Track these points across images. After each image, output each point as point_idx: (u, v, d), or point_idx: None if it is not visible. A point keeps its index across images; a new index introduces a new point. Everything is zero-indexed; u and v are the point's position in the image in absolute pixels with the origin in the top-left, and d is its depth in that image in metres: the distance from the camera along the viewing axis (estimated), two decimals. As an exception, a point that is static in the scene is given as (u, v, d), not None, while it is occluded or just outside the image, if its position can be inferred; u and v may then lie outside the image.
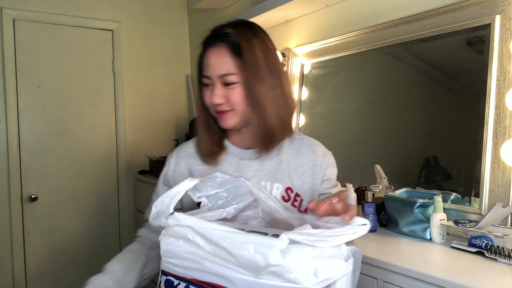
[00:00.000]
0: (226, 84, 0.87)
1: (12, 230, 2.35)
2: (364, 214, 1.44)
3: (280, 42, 2.22)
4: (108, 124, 2.68)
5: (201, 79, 0.92)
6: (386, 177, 1.61)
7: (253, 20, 2.10)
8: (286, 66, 2.17)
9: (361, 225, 0.67)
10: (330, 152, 1.02)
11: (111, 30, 2.68)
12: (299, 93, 2.12)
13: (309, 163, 0.96)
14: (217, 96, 0.88)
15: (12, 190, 2.35)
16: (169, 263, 0.71)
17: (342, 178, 1.84)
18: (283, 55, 2.15)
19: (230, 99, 0.88)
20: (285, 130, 0.93)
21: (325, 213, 0.73)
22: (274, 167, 0.94)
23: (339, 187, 1.04)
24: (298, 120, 2.12)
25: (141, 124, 2.81)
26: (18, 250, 2.37)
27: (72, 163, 2.55)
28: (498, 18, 1.27)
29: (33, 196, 2.40)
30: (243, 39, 0.88)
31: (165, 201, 0.74)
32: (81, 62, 2.57)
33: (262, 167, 0.93)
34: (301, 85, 2.12)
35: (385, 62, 1.74)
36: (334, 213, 0.73)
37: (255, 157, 0.94)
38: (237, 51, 0.87)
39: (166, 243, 0.71)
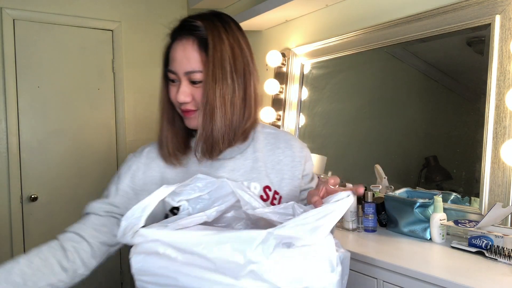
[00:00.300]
0: (193, 82, 0.82)
1: (12, 230, 2.35)
2: (364, 214, 1.44)
3: (280, 42, 2.22)
4: (108, 124, 2.68)
5: (166, 73, 0.85)
6: (386, 177, 1.61)
7: (253, 20, 2.13)
8: (286, 66, 2.17)
9: (345, 197, 0.65)
10: (305, 145, 0.99)
11: (111, 30, 2.68)
12: (299, 93, 2.12)
13: (287, 159, 0.93)
14: (183, 94, 0.81)
15: (12, 190, 2.35)
16: (143, 281, 0.67)
17: (342, 178, 1.85)
18: (283, 55, 2.15)
19: (195, 98, 0.82)
20: (234, 138, 0.85)
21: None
22: (250, 166, 0.89)
23: (316, 180, 1.00)
24: (298, 120, 2.12)
25: (141, 124, 2.81)
26: (18, 250, 2.36)
27: (72, 163, 2.54)
28: (498, 18, 1.27)
29: (33, 196, 2.40)
30: (212, 33, 0.82)
31: (135, 213, 0.68)
32: (81, 62, 2.57)
33: (238, 166, 0.88)
34: (301, 85, 2.12)
35: (385, 62, 1.74)
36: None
37: (229, 156, 0.88)
38: (204, 47, 0.81)
39: (137, 261, 0.66)
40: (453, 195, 1.41)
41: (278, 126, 2.16)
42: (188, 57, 0.81)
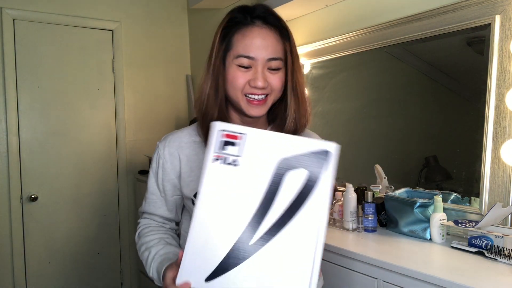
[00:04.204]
0: (272, 69, 0.84)
1: (12, 230, 2.35)
2: (364, 214, 1.44)
3: (280, 42, 2.22)
4: (108, 124, 2.68)
5: (229, 58, 0.85)
6: (386, 177, 1.61)
7: (253, 20, 2.12)
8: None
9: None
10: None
11: (111, 30, 2.68)
12: (299, 93, 2.12)
13: None
14: (263, 80, 0.83)
15: (12, 190, 2.35)
16: None
17: (342, 178, 1.85)
18: (283, 55, 2.15)
19: (271, 85, 0.85)
20: (299, 129, 0.91)
21: None
22: None
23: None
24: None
25: (141, 124, 2.81)
26: (18, 250, 2.37)
27: (72, 163, 2.55)
28: (498, 18, 1.27)
29: (33, 196, 2.40)
30: (286, 25, 0.87)
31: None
32: (81, 62, 2.57)
33: None
34: (301, 85, 2.12)
35: (385, 62, 1.74)
36: None
37: None
38: (284, 37, 0.86)
39: None
40: (453, 195, 1.41)
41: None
42: (272, 44, 0.84)
